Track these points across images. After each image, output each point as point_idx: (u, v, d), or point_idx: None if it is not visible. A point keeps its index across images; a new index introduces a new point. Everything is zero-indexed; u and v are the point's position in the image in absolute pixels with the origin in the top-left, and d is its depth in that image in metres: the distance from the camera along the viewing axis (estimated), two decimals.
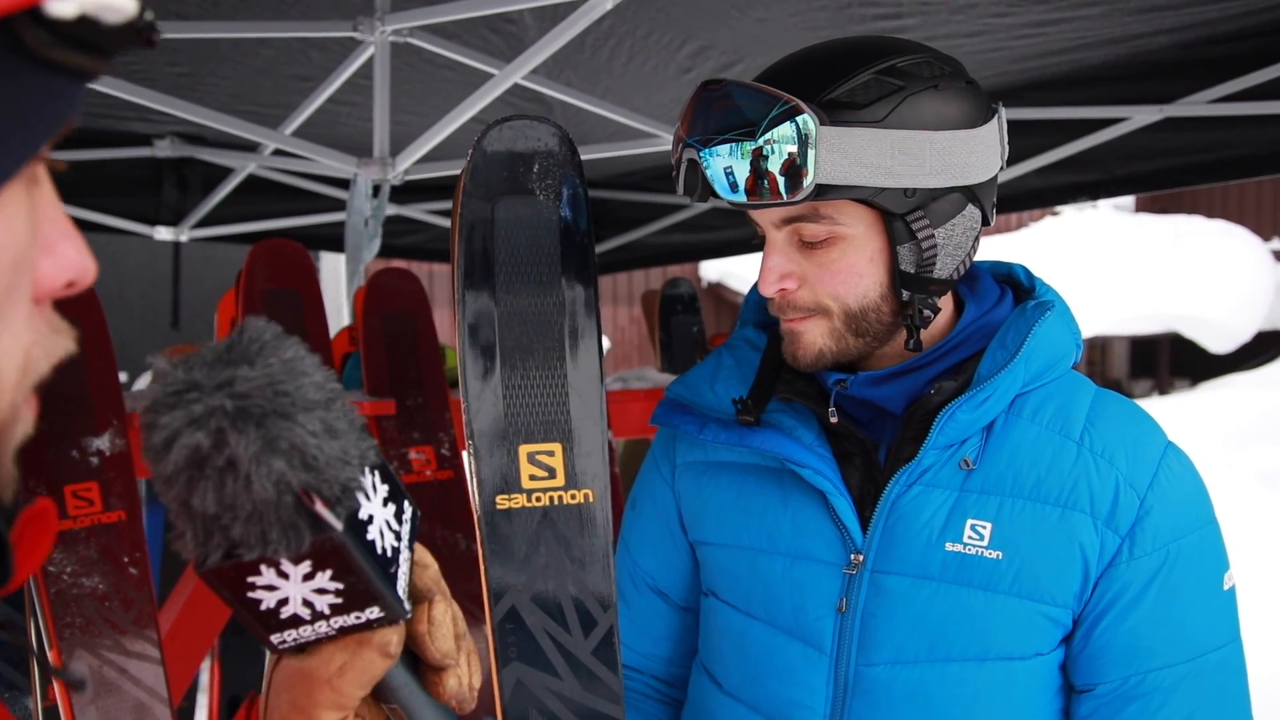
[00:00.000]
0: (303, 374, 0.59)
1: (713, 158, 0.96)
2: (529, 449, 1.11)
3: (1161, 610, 1.01)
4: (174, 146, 3.22)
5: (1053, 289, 1.12)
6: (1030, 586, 1.01)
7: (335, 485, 0.59)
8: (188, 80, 2.65)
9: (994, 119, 1.02)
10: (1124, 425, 1.05)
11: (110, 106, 2.82)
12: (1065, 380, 1.08)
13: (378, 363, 2.08)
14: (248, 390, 0.57)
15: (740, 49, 2.41)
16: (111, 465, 1.70)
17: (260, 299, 1.90)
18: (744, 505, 1.13)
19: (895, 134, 0.94)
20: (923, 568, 1.02)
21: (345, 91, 2.57)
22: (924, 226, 0.98)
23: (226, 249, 4.06)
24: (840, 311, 1.02)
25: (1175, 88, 2.59)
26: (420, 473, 2.07)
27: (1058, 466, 1.02)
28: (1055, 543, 1.00)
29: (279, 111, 2.79)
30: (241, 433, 0.56)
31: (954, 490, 1.03)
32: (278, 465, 0.56)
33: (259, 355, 0.59)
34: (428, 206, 3.89)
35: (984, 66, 2.57)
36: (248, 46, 2.43)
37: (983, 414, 1.03)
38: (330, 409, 0.60)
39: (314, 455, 0.58)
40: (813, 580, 1.06)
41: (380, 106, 2.25)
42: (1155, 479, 1.01)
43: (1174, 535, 1.01)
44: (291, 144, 2.45)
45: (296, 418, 0.58)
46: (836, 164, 0.92)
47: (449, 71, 2.53)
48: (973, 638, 1.01)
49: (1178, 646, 1.01)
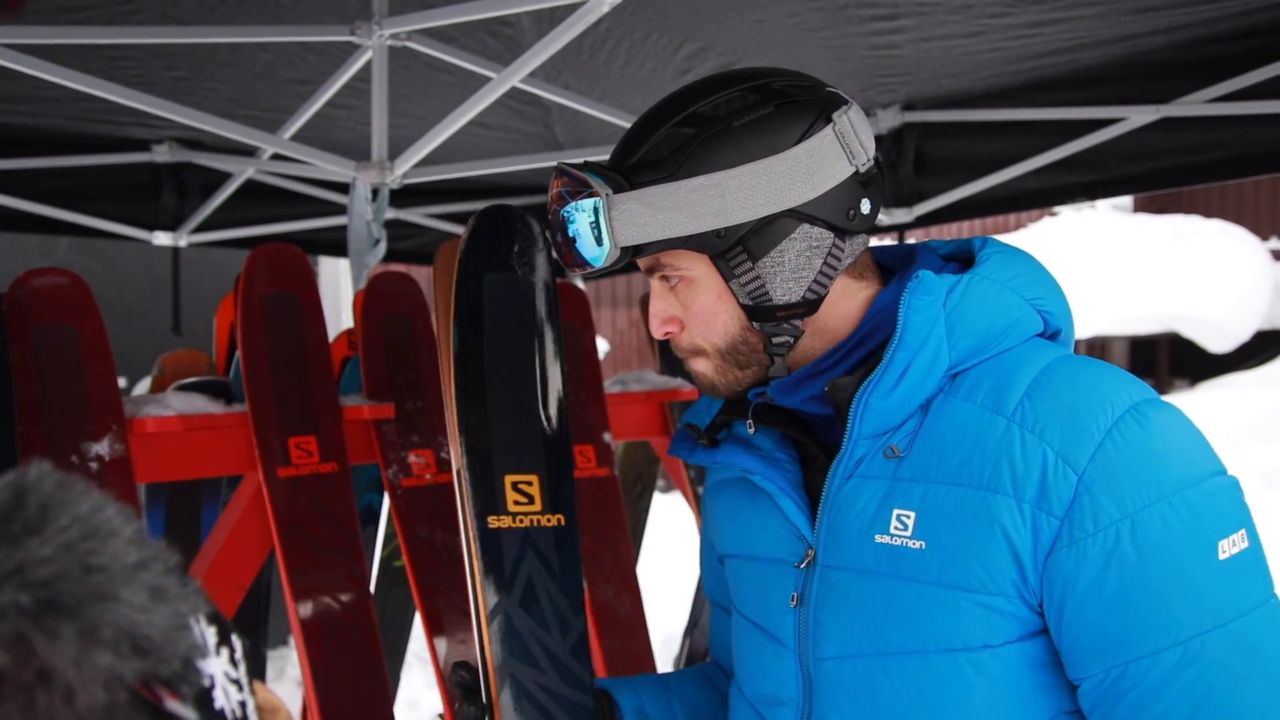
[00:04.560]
0: (111, 532, 0.47)
1: (554, 234, 1.07)
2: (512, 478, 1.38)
3: (1129, 594, 0.92)
4: (172, 151, 3.22)
5: (1000, 257, 1.06)
6: (958, 576, 0.97)
7: (175, 662, 0.48)
8: (185, 85, 2.65)
9: (823, 130, 1.02)
10: (1067, 394, 0.96)
11: (108, 112, 2.82)
12: (1016, 353, 1.02)
13: (377, 367, 2.08)
14: (48, 575, 0.44)
15: (737, 50, 2.42)
16: (110, 470, 1.70)
17: (259, 303, 1.90)
18: (733, 517, 1.19)
19: (687, 183, 0.99)
20: (859, 561, 1.03)
21: (343, 95, 2.57)
22: (741, 261, 1.02)
23: (225, 254, 4.06)
24: (713, 350, 1.07)
25: (1172, 88, 2.59)
26: (420, 476, 2.07)
27: (981, 446, 0.97)
28: (977, 529, 0.96)
29: (277, 116, 2.79)
30: (53, 635, 0.44)
31: (886, 480, 1.02)
32: (105, 660, 0.44)
33: (46, 519, 0.46)
34: (427, 210, 3.89)
35: (981, 67, 2.58)
36: (245, 51, 2.43)
37: (901, 398, 1.01)
38: (150, 564, 0.48)
39: (146, 635, 0.46)
40: (777, 579, 1.10)
41: (378, 110, 2.25)
42: (1099, 450, 0.93)
43: (1130, 509, 0.92)
44: (290, 148, 2.45)
45: (118, 594, 0.45)
46: (633, 225, 1.00)
47: (446, 75, 2.53)
48: (910, 630, 0.99)
49: (1157, 633, 0.92)
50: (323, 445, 1.91)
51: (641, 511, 2.99)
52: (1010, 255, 1.07)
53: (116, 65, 2.44)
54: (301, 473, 1.88)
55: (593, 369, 2.39)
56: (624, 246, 1.01)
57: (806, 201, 1.01)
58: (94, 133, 3.12)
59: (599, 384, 2.38)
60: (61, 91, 2.46)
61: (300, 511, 1.87)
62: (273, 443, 1.87)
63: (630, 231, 1.01)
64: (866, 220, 1.05)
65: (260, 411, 1.87)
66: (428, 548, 2.05)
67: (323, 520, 1.89)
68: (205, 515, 2.47)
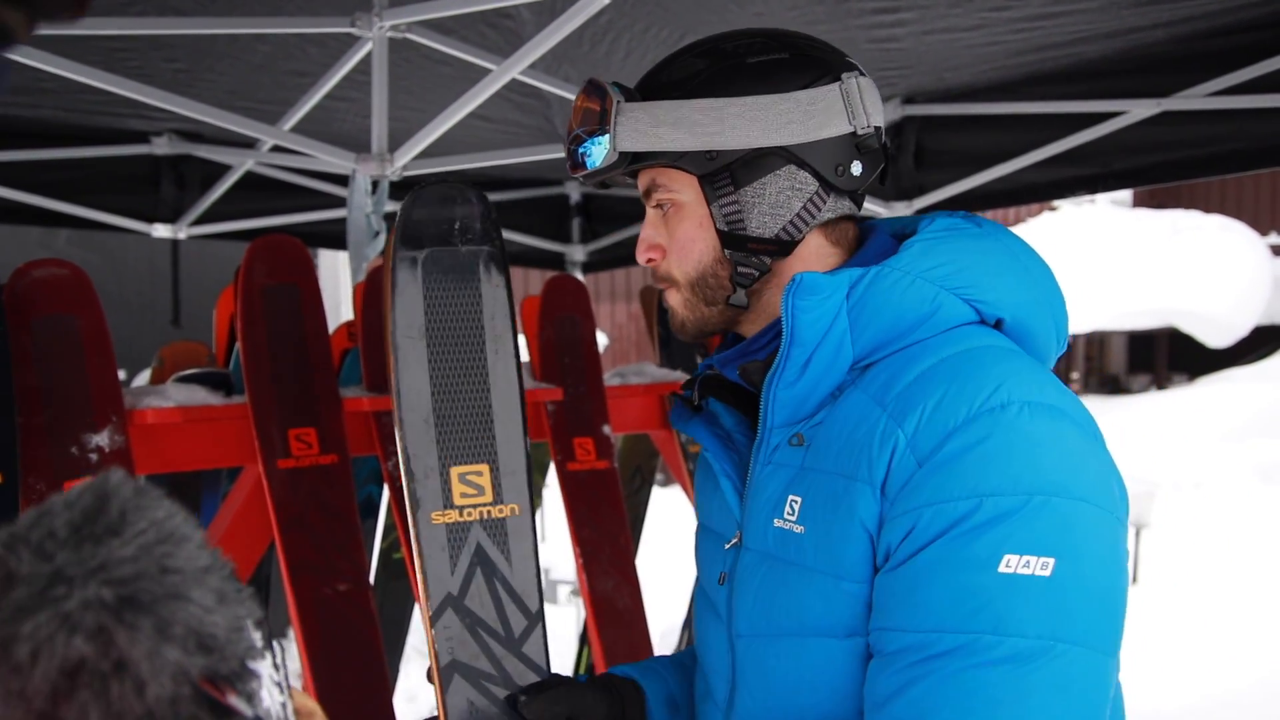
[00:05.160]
0: (184, 537, 0.50)
1: (567, 138, 1.13)
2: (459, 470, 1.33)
3: (903, 568, 0.93)
4: (171, 144, 3.23)
5: (924, 245, 1.05)
6: (828, 561, 0.99)
7: (234, 660, 0.51)
8: (185, 77, 2.64)
9: (829, 85, 1.06)
10: (941, 387, 0.96)
11: (107, 104, 2.82)
12: (926, 344, 1.01)
13: (378, 358, 2.08)
14: (130, 574, 0.47)
15: None
16: (110, 461, 1.70)
17: (259, 294, 1.90)
18: (701, 488, 1.24)
19: (692, 102, 1.04)
20: (763, 543, 1.06)
21: (342, 88, 2.57)
22: (725, 185, 1.06)
23: (224, 246, 4.06)
24: (684, 280, 1.11)
25: (1173, 81, 2.59)
26: None
27: (855, 435, 0.99)
28: (839, 514, 0.98)
29: (276, 108, 2.79)
30: (133, 628, 0.46)
31: (793, 469, 1.05)
32: (174, 656, 0.47)
33: (126, 522, 0.49)
34: None
35: (982, 60, 2.58)
36: (244, 43, 2.43)
37: (805, 390, 1.04)
38: (216, 570, 0.51)
39: (211, 634, 0.49)
40: (717, 554, 1.15)
41: (378, 102, 2.24)
42: (944, 443, 0.93)
43: (938, 499, 0.92)
44: (290, 140, 2.45)
45: (190, 594, 0.49)
46: (635, 133, 1.06)
47: (446, 67, 2.52)
48: (793, 613, 1.02)
49: (907, 612, 0.92)
50: (323, 437, 1.91)
51: (641, 504, 3.00)
52: (938, 241, 1.05)
53: (116, 57, 2.44)
54: (302, 464, 1.88)
55: (592, 362, 2.39)
56: (623, 151, 1.07)
57: (798, 144, 1.05)
58: (93, 125, 3.12)
59: (598, 377, 2.38)
60: (61, 83, 2.45)
61: (300, 503, 1.87)
62: (273, 434, 1.87)
63: (631, 139, 1.06)
64: (855, 181, 1.08)
65: (260, 403, 1.87)
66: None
67: (323, 512, 1.89)
68: (205, 507, 2.47)
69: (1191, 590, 6.09)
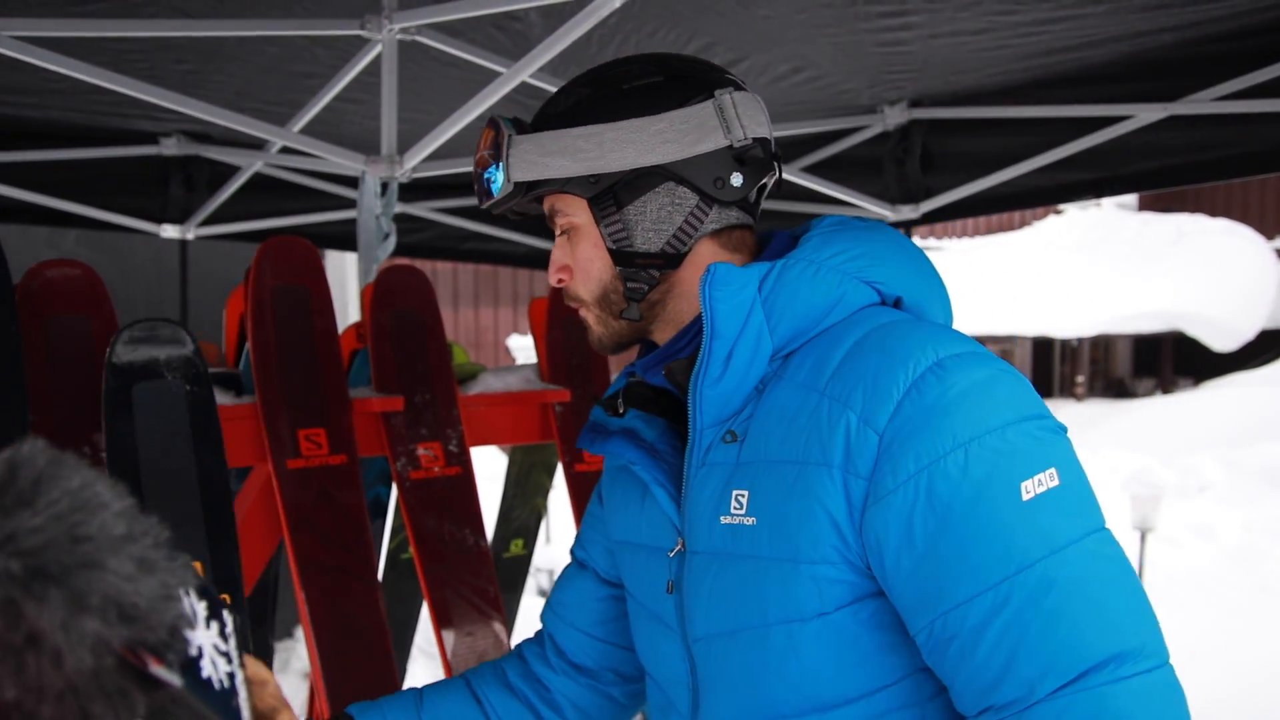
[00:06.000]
0: (100, 505, 0.50)
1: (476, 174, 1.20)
2: None
3: (935, 546, 0.94)
4: (180, 145, 3.24)
5: (822, 237, 1.11)
6: (784, 547, 1.01)
7: (161, 630, 0.50)
8: (194, 78, 2.66)
9: (702, 102, 1.10)
10: (873, 359, 1.00)
11: (116, 105, 2.83)
12: (839, 328, 1.06)
13: (386, 359, 2.09)
14: (38, 544, 0.47)
15: (745, 46, 2.42)
16: None
17: (269, 295, 1.91)
18: (623, 505, 1.24)
19: (573, 130, 1.11)
20: (710, 543, 1.08)
21: (350, 90, 2.58)
22: (609, 206, 1.12)
23: (232, 247, 4.08)
24: (590, 299, 1.16)
25: (1180, 85, 2.59)
26: (429, 469, 2.08)
27: (797, 422, 1.02)
28: (794, 499, 1.00)
29: (285, 110, 2.80)
30: (41, 599, 0.46)
31: (730, 465, 1.07)
32: (92, 626, 0.47)
33: (38, 493, 0.48)
34: (434, 205, 3.90)
35: (988, 64, 2.58)
36: (253, 45, 2.44)
37: (731, 385, 1.07)
38: (138, 537, 0.51)
39: (132, 603, 0.49)
40: (658, 566, 1.16)
41: (388, 103, 2.25)
42: (899, 409, 0.96)
43: (927, 461, 0.95)
44: (299, 141, 2.46)
45: (105, 563, 0.48)
46: (525, 163, 1.12)
47: (455, 70, 2.53)
48: (753, 605, 1.03)
49: (967, 581, 0.93)
50: (332, 437, 1.92)
51: None
52: (833, 233, 1.12)
53: (124, 59, 2.45)
54: (311, 464, 1.89)
55: (599, 363, 2.40)
56: (517, 182, 1.13)
57: (674, 161, 1.10)
58: (102, 125, 3.13)
59: (606, 378, 2.40)
60: (70, 84, 2.46)
61: (309, 503, 1.88)
62: (283, 434, 1.88)
63: (522, 169, 1.13)
64: (735, 192, 1.12)
65: (270, 403, 1.88)
66: (436, 539, 2.06)
67: (332, 511, 1.90)
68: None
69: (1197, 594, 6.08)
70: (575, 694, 1.30)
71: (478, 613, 2.05)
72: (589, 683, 1.31)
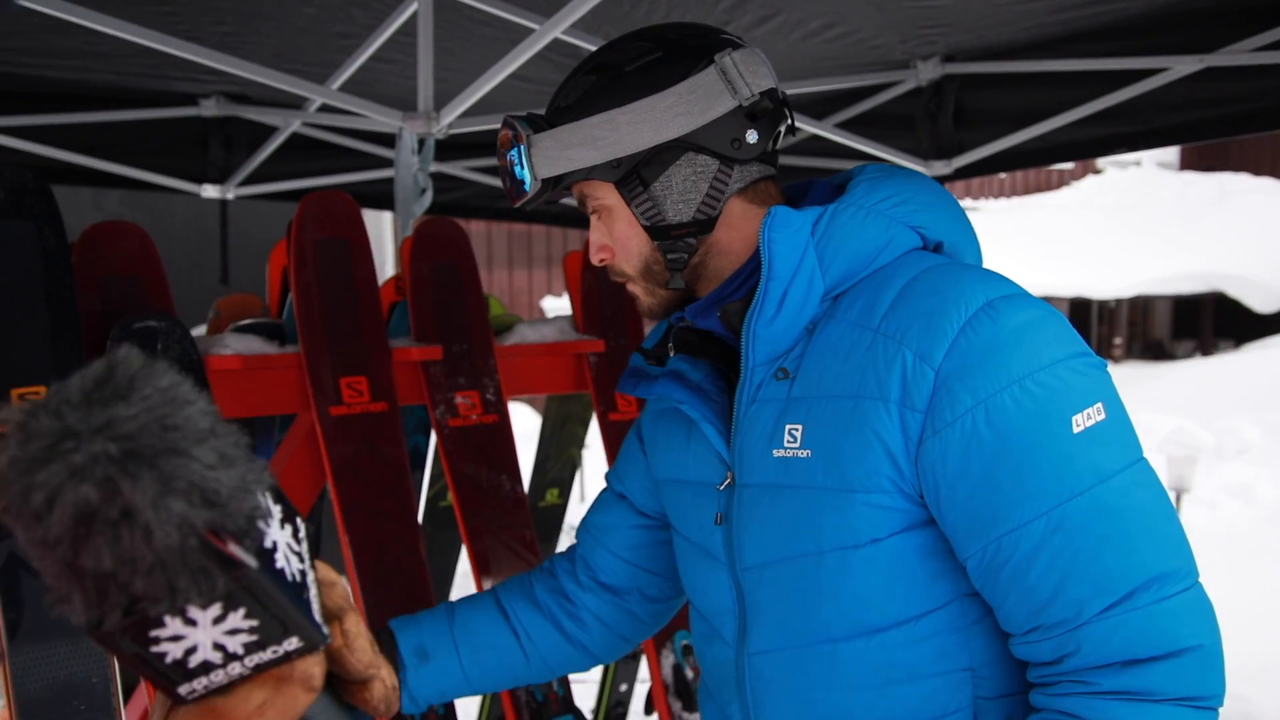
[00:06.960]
0: (186, 401, 0.55)
1: (502, 176, 1.24)
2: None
3: (991, 474, 1.00)
4: (219, 106, 3.29)
5: (869, 183, 1.16)
6: (839, 478, 1.05)
7: (240, 518, 0.55)
8: (233, 40, 2.70)
9: (704, 70, 1.14)
10: (926, 299, 1.05)
11: (156, 67, 2.88)
12: (888, 270, 1.11)
13: (424, 310, 2.14)
14: (132, 430, 0.52)
15: (777, 2, 2.43)
16: None
17: (311, 249, 1.97)
18: (668, 444, 1.29)
19: (588, 120, 1.14)
20: (763, 475, 1.12)
21: (385, 50, 2.61)
22: (636, 186, 1.16)
23: (271, 206, 4.15)
24: (634, 273, 1.20)
25: (1216, 37, 2.57)
26: (466, 416, 2.14)
27: (852, 358, 1.07)
28: (850, 432, 1.05)
29: (322, 70, 2.84)
30: (135, 478, 0.51)
31: (781, 401, 1.12)
32: (178, 507, 0.52)
33: (133, 388, 0.54)
34: (469, 163, 3.94)
35: (1022, 18, 2.57)
36: (290, 5, 2.48)
37: (784, 324, 1.11)
38: (220, 434, 0.56)
39: (214, 490, 0.54)
40: (706, 500, 1.20)
41: (424, 60, 2.29)
42: (954, 346, 1.01)
43: (984, 395, 1.00)
44: (338, 98, 2.50)
45: (190, 451, 0.53)
46: (548, 160, 1.16)
47: (488, 28, 2.56)
48: (807, 534, 1.08)
49: (1021, 506, 0.99)
50: (373, 385, 1.98)
51: None
52: (880, 179, 1.16)
53: (165, 21, 2.49)
54: (353, 411, 1.95)
55: (634, 314, 2.44)
56: (544, 178, 1.17)
57: (690, 132, 1.14)
58: (143, 88, 3.19)
59: (640, 328, 2.44)
60: (112, 47, 2.51)
61: (352, 449, 1.94)
62: (325, 382, 1.94)
63: (546, 165, 1.17)
64: (753, 149, 1.16)
65: (313, 352, 1.94)
66: (474, 485, 2.12)
67: (374, 457, 1.96)
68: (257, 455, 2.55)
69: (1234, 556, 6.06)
70: (600, 609, 1.36)
71: (515, 556, 2.11)
72: (615, 600, 1.37)
